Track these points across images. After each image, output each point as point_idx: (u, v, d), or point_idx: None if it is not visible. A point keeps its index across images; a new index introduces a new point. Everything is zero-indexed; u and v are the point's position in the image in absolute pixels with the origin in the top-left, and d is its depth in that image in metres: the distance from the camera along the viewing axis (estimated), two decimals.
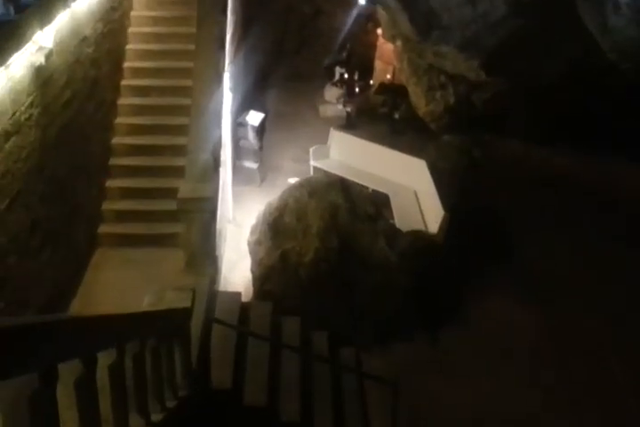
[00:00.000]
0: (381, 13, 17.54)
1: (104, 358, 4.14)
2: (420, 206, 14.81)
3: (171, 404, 5.90)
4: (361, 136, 16.87)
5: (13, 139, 7.72)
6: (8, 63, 7.29)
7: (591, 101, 14.86)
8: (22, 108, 7.96)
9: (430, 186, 14.47)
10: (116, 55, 12.44)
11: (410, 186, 15.36)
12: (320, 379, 9.88)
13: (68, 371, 3.50)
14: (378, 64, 20.94)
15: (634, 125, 14.69)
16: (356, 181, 14.99)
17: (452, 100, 16.71)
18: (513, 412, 9.93)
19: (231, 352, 8.96)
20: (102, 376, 4.16)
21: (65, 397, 3.53)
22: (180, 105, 12.02)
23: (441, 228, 13.23)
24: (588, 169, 15.39)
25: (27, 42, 7.77)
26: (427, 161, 15.22)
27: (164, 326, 6.02)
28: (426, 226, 13.88)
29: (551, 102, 15.20)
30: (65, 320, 4.07)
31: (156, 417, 5.28)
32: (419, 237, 12.84)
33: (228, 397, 8.36)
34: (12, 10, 7.40)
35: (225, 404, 8.31)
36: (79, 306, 9.61)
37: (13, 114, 7.68)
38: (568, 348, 11.18)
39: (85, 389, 3.72)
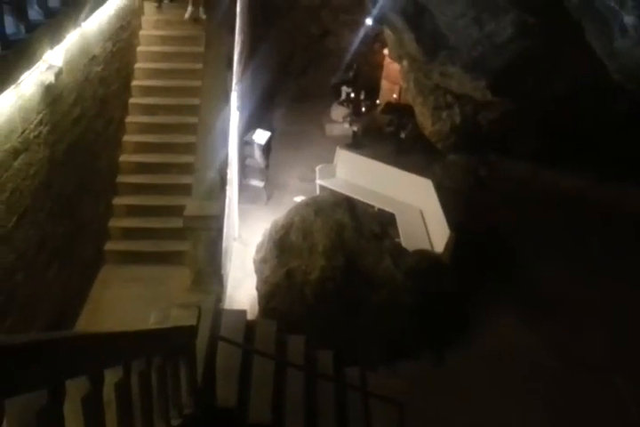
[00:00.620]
0: (388, 34, 17.64)
1: (110, 375, 4.15)
2: (425, 226, 14.81)
3: (176, 422, 5.88)
4: (367, 155, 16.89)
5: (22, 156, 7.75)
6: (18, 81, 7.34)
7: (597, 122, 14.89)
8: (31, 126, 8.00)
9: (436, 205, 14.47)
10: (125, 74, 12.51)
11: (416, 205, 15.36)
12: (325, 398, 9.85)
13: (76, 388, 3.51)
14: (384, 84, 21.03)
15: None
16: (362, 199, 15.01)
17: (458, 119, 16.74)
18: (519, 423, 9.89)
19: (236, 370, 8.95)
20: (108, 392, 4.17)
21: (72, 413, 3.53)
22: (188, 123, 12.08)
23: (447, 247, 13.22)
24: (595, 190, 15.39)
25: (37, 60, 7.82)
26: (433, 180, 15.23)
27: (169, 344, 6.02)
28: (432, 245, 13.87)
29: (557, 123, 15.22)
30: (73, 337, 4.08)
31: None
32: (424, 256, 12.83)
33: (232, 415, 8.34)
34: (22, 29, 7.45)
35: (230, 422, 8.29)
36: (85, 323, 9.62)
37: (23, 132, 7.72)
38: (572, 366, 11.13)
39: (92, 405, 3.73)
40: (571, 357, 11.34)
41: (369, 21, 17.44)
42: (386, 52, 19.69)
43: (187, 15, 13.67)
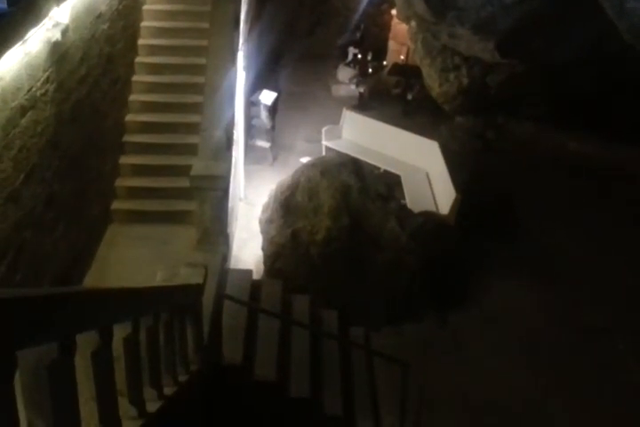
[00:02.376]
0: None
1: (119, 331, 4.18)
2: (431, 187, 14.80)
3: (183, 378, 5.95)
4: (373, 117, 16.84)
5: (29, 114, 7.73)
6: (25, 38, 7.30)
7: (607, 85, 14.78)
8: (38, 84, 7.97)
9: (442, 167, 14.45)
10: (131, 32, 12.41)
11: (422, 167, 15.34)
12: (329, 356, 9.96)
13: (86, 342, 3.55)
14: (391, 44, 20.85)
15: None
16: (368, 161, 14.99)
17: (465, 81, 16.63)
18: (521, 390, 9.98)
19: (242, 328, 9.05)
20: (117, 348, 4.21)
21: (82, 367, 3.57)
22: (194, 83, 12.01)
23: (452, 209, 13.23)
24: (600, 153, 15.33)
25: (43, 17, 7.76)
26: (439, 142, 15.19)
27: (177, 302, 6.07)
28: (437, 207, 13.88)
29: (567, 86, 15.12)
30: (83, 292, 4.12)
31: (168, 390, 5.33)
32: (430, 218, 12.85)
33: (238, 372, 8.44)
34: None
35: (235, 379, 8.39)
36: (92, 281, 9.67)
37: (29, 89, 7.69)
38: (574, 328, 11.20)
39: (102, 360, 3.77)
40: (568, 320, 11.39)
41: None
42: (394, 12, 19.49)
43: None
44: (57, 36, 8.28)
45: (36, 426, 3.09)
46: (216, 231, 9.49)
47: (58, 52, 8.49)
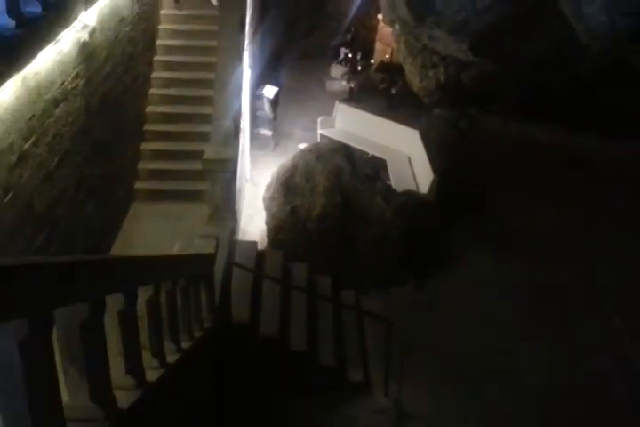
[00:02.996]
0: (382, 0, 17.36)
1: (142, 294, 4.20)
2: (412, 170, 14.81)
3: (197, 334, 5.99)
4: (362, 108, 16.82)
5: (62, 105, 7.71)
6: (57, 39, 7.25)
7: (567, 81, 14.76)
8: (69, 79, 7.93)
9: (422, 153, 14.46)
10: (150, 34, 12.34)
11: (404, 152, 15.35)
12: (324, 316, 10.02)
13: (114, 303, 3.57)
14: (378, 45, 20.79)
15: (604, 103, 14.62)
16: (358, 147, 14.98)
17: (442, 77, 16.61)
18: (493, 345, 10.03)
19: (248, 292, 9.08)
20: (141, 308, 4.24)
21: (111, 325, 3.60)
22: (206, 79, 11.96)
23: (431, 189, 13.26)
24: (563, 142, 15.31)
25: (73, 20, 7.71)
26: (419, 131, 15.20)
27: (192, 269, 6.09)
28: (417, 187, 13.90)
29: (531, 81, 15.10)
30: (111, 259, 4.13)
31: (185, 344, 5.36)
32: (411, 196, 12.86)
33: (245, 329, 8.49)
34: None
35: (243, 335, 8.43)
36: (118, 251, 9.69)
37: (62, 84, 7.66)
38: (541, 293, 11.23)
39: (127, 319, 3.79)
40: (534, 287, 11.40)
41: None
42: (380, 16, 19.40)
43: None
44: (85, 37, 8.24)
45: (70, 373, 3.12)
46: (225, 208, 9.51)
47: (86, 52, 8.45)
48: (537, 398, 9.10)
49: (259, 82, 16.46)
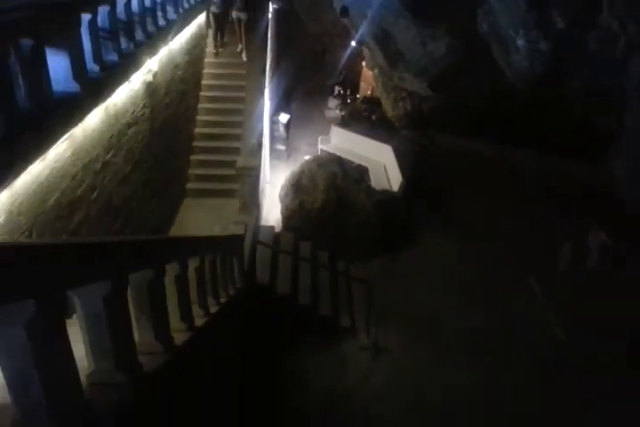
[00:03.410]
0: (365, 51, 17.27)
1: (192, 263, 4.23)
2: (387, 175, 14.76)
3: (232, 292, 6.02)
4: (351, 130, 16.74)
5: (133, 128, 7.71)
6: (129, 79, 7.25)
7: (499, 110, 14.70)
8: (138, 109, 7.93)
9: (394, 162, 14.41)
10: (197, 76, 12.29)
11: (381, 162, 15.28)
12: (323, 280, 10.05)
13: (171, 269, 3.59)
14: (362, 84, 20.70)
15: (526, 124, 14.56)
16: (348, 158, 14.91)
17: (409, 107, 16.52)
18: (446, 300, 10.01)
19: (268, 262, 9.11)
20: (191, 274, 4.26)
21: (169, 287, 3.62)
22: (237, 109, 11.91)
23: (400, 189, 13.23)
24: (495, 152, 15.23)
25: (141, 66, 7.71)
26: (392, 146, 15.15)
27: (228, 245, 6.11)
28: (391, 187, 13.85)
29: (473, 110, 15.04)
30: (170, 238, 4.15)
31: (222, 299, 5.39)
32: (386, 194, 12.84)
33: (266, 289, 8.53)
34: (132, 45, 7.32)
35: (265, 293, 8.47)
36: (175, 233, 9.71)
37: (133, 112, 7.66)
38: (481, 263, 11.18)
39: (181, 281, 3.82)
40: (478, 260, 11.34)
41: (353, 43, 17.02)
42: (364, 63, 19.34)
43: (239, 50, 12.96)
44: (150, 78, 8.23)
45: (140, 320, 3.14)
46: (252, 202, 9.52)
47: (150, 89, 8.44)
48: (477, 338, 9.11)
49: (275, 110, 16.42)
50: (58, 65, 5.32)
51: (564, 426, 7.54)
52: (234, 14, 12.38)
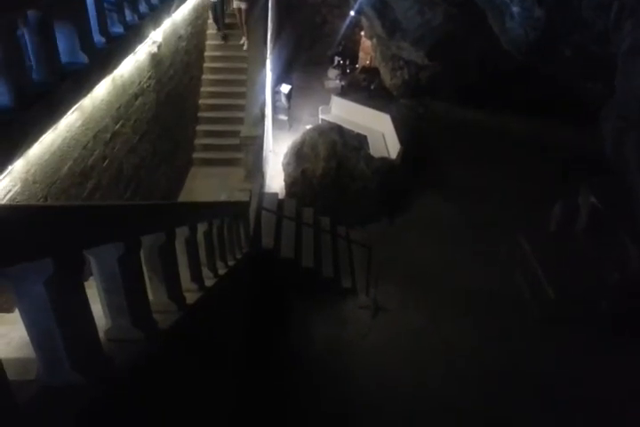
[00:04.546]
0: (364, 21, 16.88)
1: (200, 227, 4.23)
2: (385, 142, 14.69)
3: (239, 256, 6.05)
4: (350, 100, 16.57)
5: (140, 99, 7.62)
6: (135, 51, 7.12)
7: (492, 77, 14.47)
8: (144, 80, 7.82)
9: (392, 130, 14.31)
10: (200, 47, 12.07)
11: (379, 130, 15.19)
12: (325, 244, 10.10)
13: (181, 233, 3.59)
14: (361, 54, 20.31)
15: (518, 91, 14.37)
16: (347, 127, 14.82)
17: (406, 76, 16.26)
18: (440, 261, 10.10)
19: (273, 228, 9.14)
20: (200, 237, 4.26)
21: (180, 249, 3.63)
22: (240, 79, 11.73)
23: (398, 155, 13.18)
24: (489, 119, 15.07)
25: (145, 37, 7.57)
26: (390, 115, 15.01)
27: (234, 211, 6.11)
28: (389, 154, 13.81)
29: (468, 78, 14.80)
30: (179, 204, 4.14)
31: (230, 263, 5.43)
32: (384, 161, 12.80)
33: (271, 253, 8.58)
34: (136, 17, 7.17)
35: (269, 257, 8.52)
36: (183, 199, 9.73)
37: (139, 83, 7.56)
38: (475, 225, 11.19)
39: (191, 244, 3.83)
40: (470, 222, 11.37)
41: (352, 13, 16.63)
42: (362, 33, 18.95)
43: (241, 42, 12.36)
44: (154, 49, 8.09)
45: (153, 279, 3.17)
46: (256, 170, 9.48)
47: (155, 60, 8.31)
48: (469, 295, 9.21)
49: (277, 81, 16.19)
50: (65, 37, 5.21)
51: (555, 379, 7.68)
52: (234, 3, 11.96)
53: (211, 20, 12.67)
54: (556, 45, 9.31)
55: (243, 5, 11.84)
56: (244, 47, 12.19)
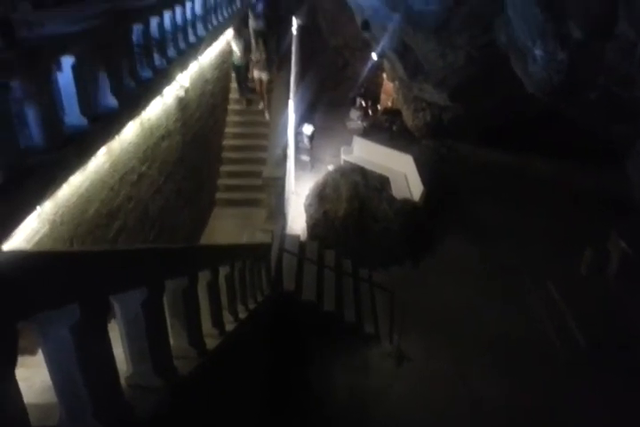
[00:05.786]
0: (386, 63, 17.30)
1: (222, 271, 4.24)
2: (408, 184, 14.72)
3: (260, 298, 6.02)
4: (372, 140, 16.77)
5: (166, 141, 7.84)
6: (162, 94, 7.38)
7: (516, 119, 14.60)
8: (171, 122, 8.06)
9: (414, 171, 14.37)
10: (225, 90, 12.44)
11: (402, 171, 15.25)
12: (347, 287, 10.01)
13: (203, 277, 3.61)
14: (383, 96, 20.72)
15: (543, 132, 14.46)
16: (370, 168, 14.93)
17: (429, 118, 16.48)
18: (465, 305, 9.94)
19: (294, 270, 9.10)
20: (221, 281, 4.27)
21: (202, 293, 3.64)
22: (263, 121, 12.04)
23: (421, 197, 13.17)
24: (512, 161, 15.12)
25: (173, 81, 7.84)
26: (412, 156, 15.12)
27: (256, 253, 6.13)
28: (412, 196, 13.81)
29: (492, 119, 14.95)
30: (202, 247, 4.18)
31: (251, 306, 5.40)
32: (407, 202, 12.81)
33: (292, 296, 8.51)
34: (164, 61, 7.45)
35: (291, 300, 8.46)
36: (205, 240, 9.81)
37: (166, 125, 7.79)
38: (495, 267, 11.10)
39: (212, 288, 3.83)
40: (494, 261, 11.28)
41: (374, 56, 17.07)
42: (384, 75, 19.39)
43: (260, 107, 12.43)
44: (181, 93, 8.35)
45: (175, 325, 3.17)
46: (278, 211, 9.54)
47: (182, 103, 8.57)
48: (497, 344, 8.99)
49: (300, 122, 16.52)
50: (97, 81, 5.44)
51: None
52: (255, 74, 12.08)
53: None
54: (581, 88, 9.38)
55: (264, 76, 11.94)
56: (265, 115, 12.20)
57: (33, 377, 2.67)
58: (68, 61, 4.78)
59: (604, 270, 10.38)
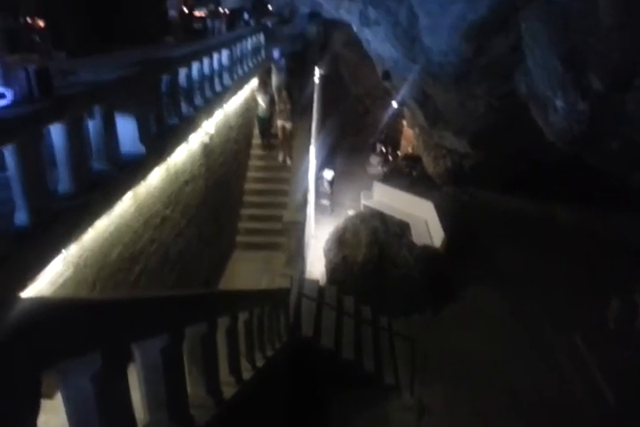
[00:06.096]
0: (406, 111, 17.63)
1: (241, 316, 4.23)
2: (429, 230, 14.70)
3: (277, 346, 5.96)
4: (392, 186, 16.90)
5: (190, 185, 7.99)
6: (188, 140, 7.59)
7: (537, 166, 14.63)
8: (195, 167, 8.24)
9: (435, 218, 14.37)
10: (249, 136, 12.74)
11: (422, 217, 15.27)
12: (366, 335, 9.84)
13: (222, 323, 3.61)
14: (403, 142, 21.06)
15: (565, 180, 14.44)
16: (390, 213, 14.95)
17: (449, 164, 16.59)
18: (487, 357, 9.66)
19: (313, 315, 9.01)
20: (240, 327, 4.26)
21: (220, 340, 3.63)
22: (284, 166, 12.24)
23: (442, 244, 13.12)
24: (535, 209, 15.04)
25: (199, 128, 8.07)
26: (433, 202, 15.15)
27: (274, 298, 6.11)
28: (432, 242, 13.75)
29: (513, 167, 14.99)
30: (221, 292, 4.19)
31: (269, 353, 5.34)
32: (427, 249, 12.74)
33: (311, 342, 8.39)
34: (191, 109, 7.71)
35: (309, 347, 8.34)
36: (224, 284, 9.79)
37: (190, 171, 7.96)
38: (519, 316, 10.85)
39: (231, 334, 3.82)
40: (518, 310, 11.04)
41: (394, 104, 17.43)
42: (404, 122, 19.72)
43: (281, 158, 12.54)
44: (206, 139, 8.58)
45: (193, 372, 3.15)
46: (297, 256, 9.56)
47: (207, 149, 8.78)
48: (522, 397, 8.67)
49: (321, 167, 16.76)
50: (126, 129, 5.64)
51: None
52: (279, 123, 12.24)
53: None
54: (602, 138, 9.42)
55: (287, 125, 12.17)
56: (287, 161, 12.31)
57: (50, 422, 2.65)
58: (99, 109, 4.98)
59: (633, 323, 10.07)
